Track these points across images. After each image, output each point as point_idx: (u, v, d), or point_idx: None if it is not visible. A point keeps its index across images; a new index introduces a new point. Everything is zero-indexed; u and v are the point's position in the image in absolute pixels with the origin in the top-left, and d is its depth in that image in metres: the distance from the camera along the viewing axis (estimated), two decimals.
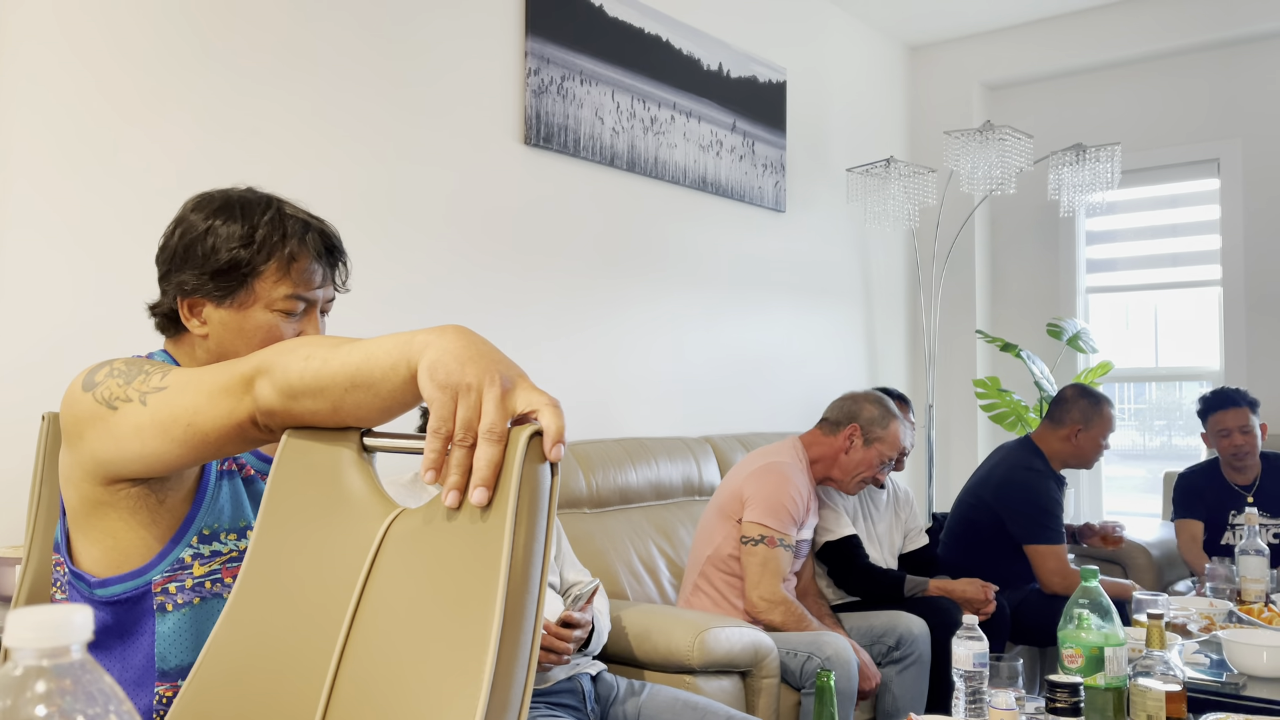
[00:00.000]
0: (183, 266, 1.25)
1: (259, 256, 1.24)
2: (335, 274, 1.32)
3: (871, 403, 2.93)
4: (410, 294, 2.86)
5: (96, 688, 0.50)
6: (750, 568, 2.70)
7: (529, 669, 0.82)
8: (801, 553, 2.87)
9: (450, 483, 0.83)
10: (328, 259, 1.29)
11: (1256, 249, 4.49)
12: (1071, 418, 3.31)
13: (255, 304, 1.25)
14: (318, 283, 1.28)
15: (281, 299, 1.25)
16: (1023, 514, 3.23)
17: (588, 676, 2.27)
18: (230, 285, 1.24)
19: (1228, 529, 3.60)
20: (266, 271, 1.25)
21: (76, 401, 1.10)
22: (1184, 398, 4.86)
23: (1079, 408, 3.32)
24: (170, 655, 1.16)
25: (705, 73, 3.85)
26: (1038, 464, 3.31)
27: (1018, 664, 1.92)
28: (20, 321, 2.13)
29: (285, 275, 1.25)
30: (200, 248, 1.24)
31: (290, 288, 1.25)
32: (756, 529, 2.72)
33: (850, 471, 2.90)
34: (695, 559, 2.88)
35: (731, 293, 4.02)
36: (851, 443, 2.89)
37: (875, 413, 2.91)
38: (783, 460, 2.84)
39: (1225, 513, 3.61)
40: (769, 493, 2.75)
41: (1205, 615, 2.63)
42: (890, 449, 2.90)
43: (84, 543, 1.15)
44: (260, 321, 1.25)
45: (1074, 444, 3.31)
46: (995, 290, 5.22)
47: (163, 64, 2.35)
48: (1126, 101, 4.84)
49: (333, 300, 1.33)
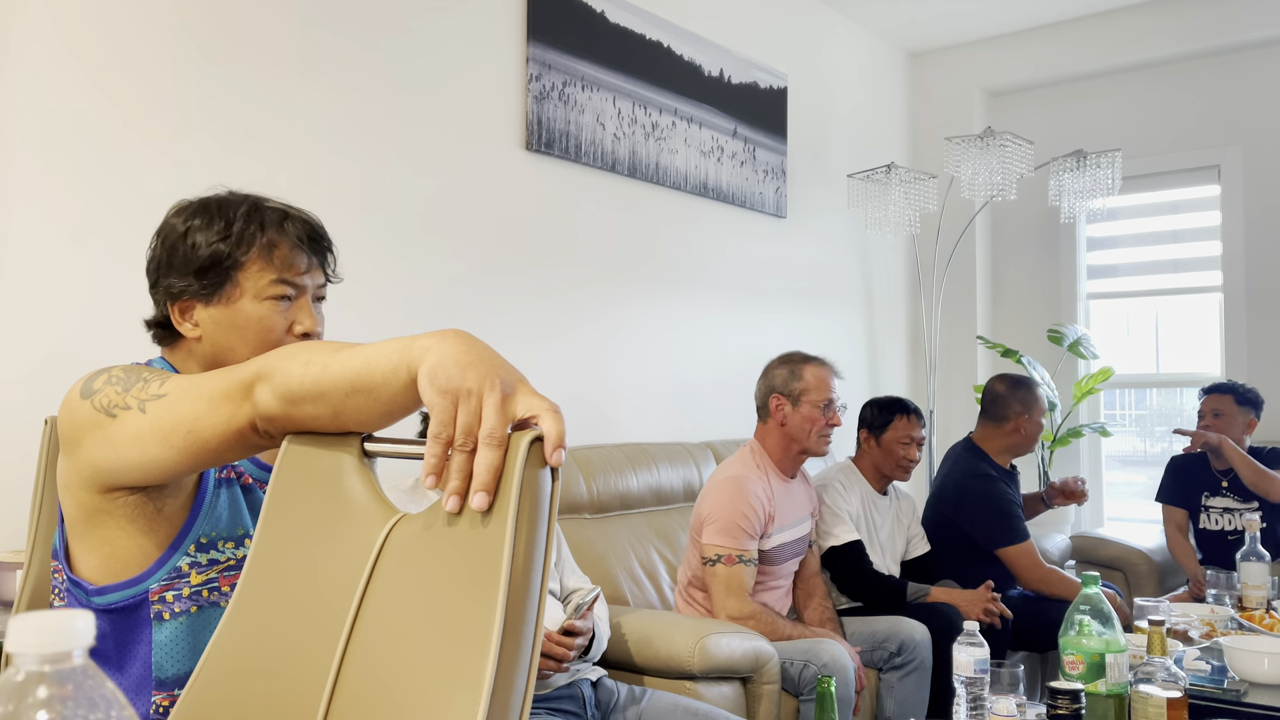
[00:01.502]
0: (168, 271, 1.26)
1: (239, 249, 1.24)
2: (324, 262, 1.32)
3: (777, 365, 2.87)
4: (411, 298, 2.86)
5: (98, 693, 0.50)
6: (714, 589, 2.66)
7: (529, 674, 0.82)
8: (783, 556, 2.81)
9: (451, 488, 0.83)
10: (310, 245, 1.29)
11: (1257, 255, 4.50)
12: (1014, 410, 3.39)
13: (242, 297, 1.25)
14: (303, 268, 1.28)
15: (268, 286, 1.25)
16: (984, 521, 3.28)
17: (588, 682, 2.27)
18: (215, 281, 1.24)
19: (1201, 510, 3.76)
20: (248, 262, 1.25)
21: (75, 409, 1.09)
22: (1185, 404, 4.86)
23: (1017, 399, 3.40)
24: (167, 664, 1.16)
25: (706, 79, 3.86)
26: (984, 468, 3.36)
27: (1019, 670, 1.91)
28: (22, 326, 2.13)
29: (269, 263, 1.25)
30: (181, 249, 1.25)
31: (274, 273, 1.25)
32: (713, 549, 2.67)
33: (802, 438, 2.81)
34: (681, 577, 2.87)
35: (733, 298, 4.03)
36: (782, 412, 2.82)
37: (784, 371, 2.84)
38: (735, 473, 2.76)
39: (1199, 494, 3.77)
40: (720, 510, 2.69)
41: (1206, 621, 2.62)
42: (819, 393, 2.80)
43: (82, 550, 1.15)
44: (251, 313, 1.25)
45: (1022, 434, 3.40)
46: (996, 296, 5.22)
47: (166, 71, 2.35)
48: (1127, 108, 4.85)
49: (324, 287, 1.33)
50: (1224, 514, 3.71)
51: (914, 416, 3.21)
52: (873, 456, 3.22)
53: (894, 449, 3.17)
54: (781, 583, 2.84)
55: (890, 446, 3.18)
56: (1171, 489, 3.84)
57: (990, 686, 1.87)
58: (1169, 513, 3.83)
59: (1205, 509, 3.77)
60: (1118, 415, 5.08)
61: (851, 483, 3.21)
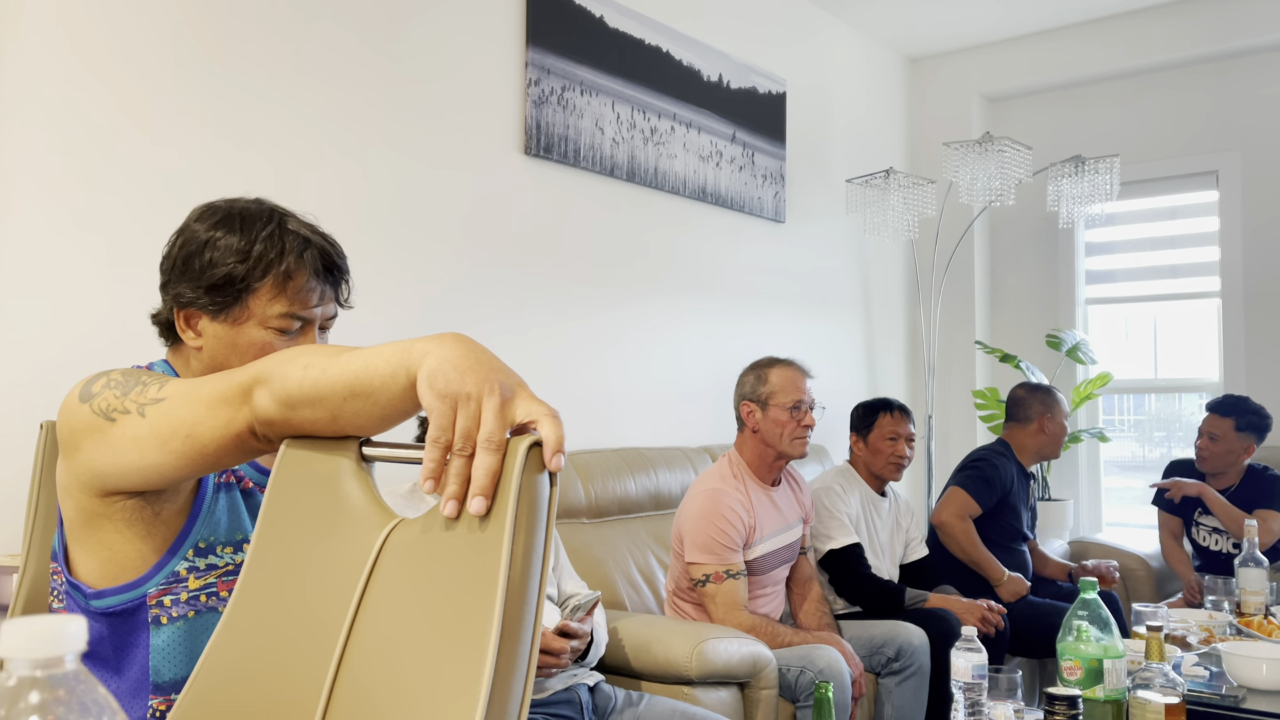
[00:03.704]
0: (181, 278, 1.24)
1: (254, 273, 1.22)
2: (337, 292, 1.30)
3: (746, 372, 2.87)
4: (410, 302, 2.86)
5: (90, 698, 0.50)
6: (713, 611, 2.64)
7: (527, 679, 0.81)
8: (770, 564, 2.78)
9: (449, 492, 0.82)
10: (327, 276, 1.27)
11: (1255, 261, 4.50)
12: (1035, 411, 3.55)
13: (249, 320, 1.23)
14: (315, 301, 1.26)
15: (276, 317, 1.23)
16: (962, 468, 3.49)
17: (585, 687, 2.26)
18: (225, 300, 1.23)
19: (1193, 525, 3.79)
20: (262, 289, 1.23)
21: (74, 413, 1.09)
22: (1183, 409, 4.86)
23: (1037, 400, 3.57)
24: (165, 669, 1.16)
25: (705, 84, 3.86)
26: (1001, 449, 3.56)
27: (1017, 676, 1.91)
28: (21, 329, 2.13)
29: (281, 293, 1.23)
30: (198, 260, 1.23)
31: (285, 306, 1.24)
32: (700, 570, 2.65)
33: (775, 442, 2.78)
34: (668, 585, 2.85)
35: (731, 303, 4.03)
36: (754, 418, 2.81)
37: (751, 377, 2.84)
38: (711, 486, 2.73)
39: (1193, 508, 3.78)
40: (698, 527, 2.67)
41: (1205, 627, 2.62)
42: (786, 395, 2.78)
43: (80, 554, 1.14)
44: (254, 338, 1.24)
45: (1046, 433, 3.54)
46: (995, 301, 5.22)
47: (170, 72, 2.35)
48: (1125, 113, 4.85)
49: (334, 318, 1.31)
50: (1213, 533, 3.70)
51: (899, 413, 3.22)
52: (864, 458, 3.24)
53: (882, 447, 3.19)
54: (771, 589, 2.82)
55: (878, 445, 3.19)
56: (1170, 500, 3.81)
57: (988, 692, 1.87)
58: (1164, 519, 3.83)
59: (1196, 524, 3.77)
60: (1116, 420, 5.09)
61: (850, 485, 3.21)
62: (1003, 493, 3.45)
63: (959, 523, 3.34)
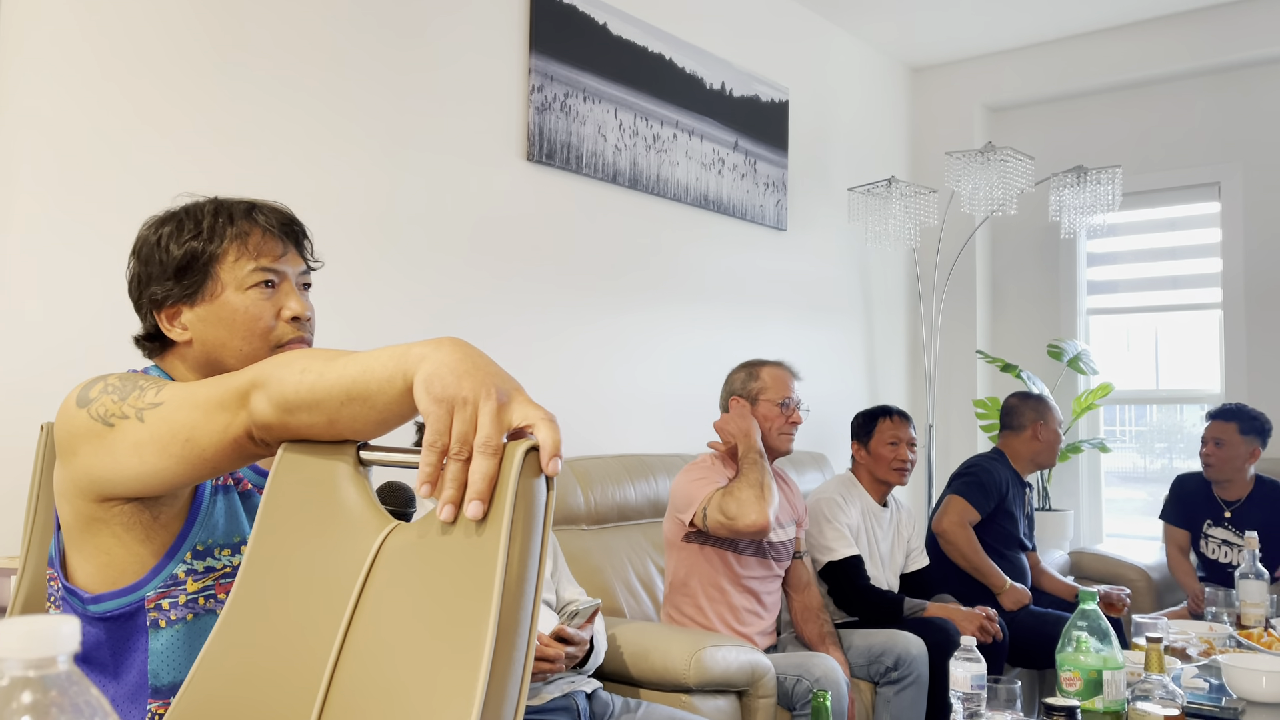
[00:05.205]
0: (149, 281, 1.27)
1: (212, 243, 1.25)
2: (300, 247, 1.32)
3: (737, 370, 2.93)
4: (410, 306, 2.86)
5: (83, 699, 0.50)
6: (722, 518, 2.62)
7: (523, 685, 0.81)
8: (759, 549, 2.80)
9: (445, 496, 0.82)
10: (283, 230, 1.30)
11: (1257, 272, 4.50)
12: (1028, 418, 3.58)
13: (225, 290, 1.25)
14: (279, 253, 1.28)
15: (248, 275, 1.25)
16: (956, 476, 3.51)
17: (583, 694, 2.26)
18: (195, 280, 1.25)
19: (1201, 537, 3.77)
20: (224, 254, 1.25)
21: (71, 418, 1.09)
22: (1185, 420, 4.86)
23: (1029, 407, 3.59)
24: (163, 672, 1.15)
25: (708, 91, 3.87)
26: (995, 456, 3.59)
27: (1016, 686, 1.91)
28: (20, 331, 2.13)
29: (244, 252, 1.26)
30: (157, 256, 1.26)
31: (252, 260, 1.26)
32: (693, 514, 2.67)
33: (764, 436, 2.81)
34: (665, 587, 2.85)
35: (732, 310, 4.03)
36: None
37: (742, 374, 2.90)
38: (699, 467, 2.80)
39: (1202, 519, 3.76)
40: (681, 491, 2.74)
41: (1205, 639, 2.61)
42: (776, 391, 2.83)
43: (78, 558, 1.14)
44: (236, 305, 1.25)
45: (1040, 440, 3.56)
46: (996, 311, 5.22)
47: (173, 74, 2.36)
48: (1128, 124, 4.86)
49: (307, 274, 1.33)
50: (1222, 545, 3.68)
51: (898, 418, 3.23)
52: (866, 464, 3.24)
53: (883, 452, 3.19)
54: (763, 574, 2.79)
55: (879, 450, 3.20)
56: (1175, 509, 3.81)
57: (987, 702, 1.86)
58: (1170, 532, 3.81)
59: (1205, 536, 3.74)
60: (1117, 431, 5.08)
61: (851, 495, 3.21)
62: (998, 498, 3.45)
63: (960, 530, 3.34)
